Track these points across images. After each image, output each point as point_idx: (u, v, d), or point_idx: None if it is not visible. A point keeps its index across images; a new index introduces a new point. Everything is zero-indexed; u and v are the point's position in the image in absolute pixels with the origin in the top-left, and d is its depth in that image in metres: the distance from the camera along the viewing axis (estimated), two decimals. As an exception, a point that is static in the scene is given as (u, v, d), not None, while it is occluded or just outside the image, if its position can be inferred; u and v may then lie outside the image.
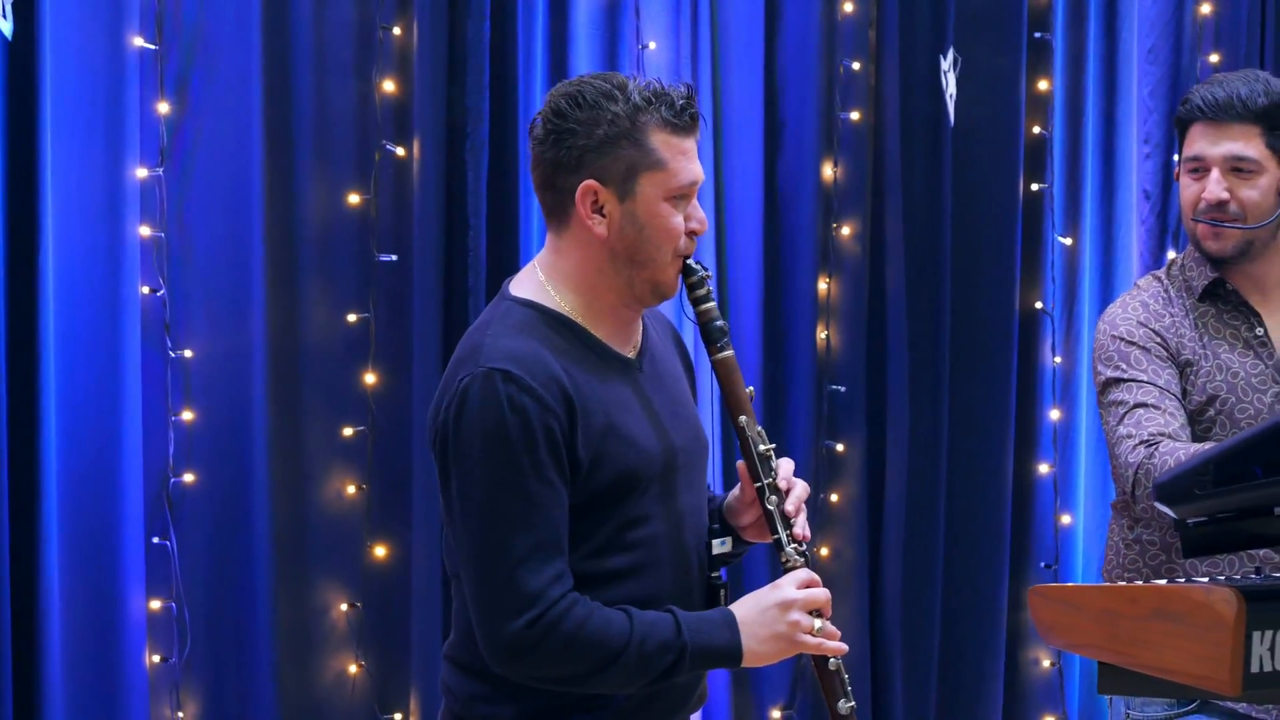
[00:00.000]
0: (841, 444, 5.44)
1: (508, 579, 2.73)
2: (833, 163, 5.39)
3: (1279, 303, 3.53)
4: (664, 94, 2.82)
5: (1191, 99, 3.48)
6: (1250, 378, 3.43)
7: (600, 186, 2.80)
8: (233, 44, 4.59)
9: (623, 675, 2.76)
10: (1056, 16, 5.77)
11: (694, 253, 2.91)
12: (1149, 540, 3.47)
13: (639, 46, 5.08)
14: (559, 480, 2.75)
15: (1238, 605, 2.14)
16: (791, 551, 2.91)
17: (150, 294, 4.50)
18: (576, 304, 2.88)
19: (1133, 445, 3.29)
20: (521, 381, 2.73)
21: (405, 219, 4.77)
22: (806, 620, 2.85)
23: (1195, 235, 3.49)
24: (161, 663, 4.54)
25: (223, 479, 4.61)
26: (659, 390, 2.95)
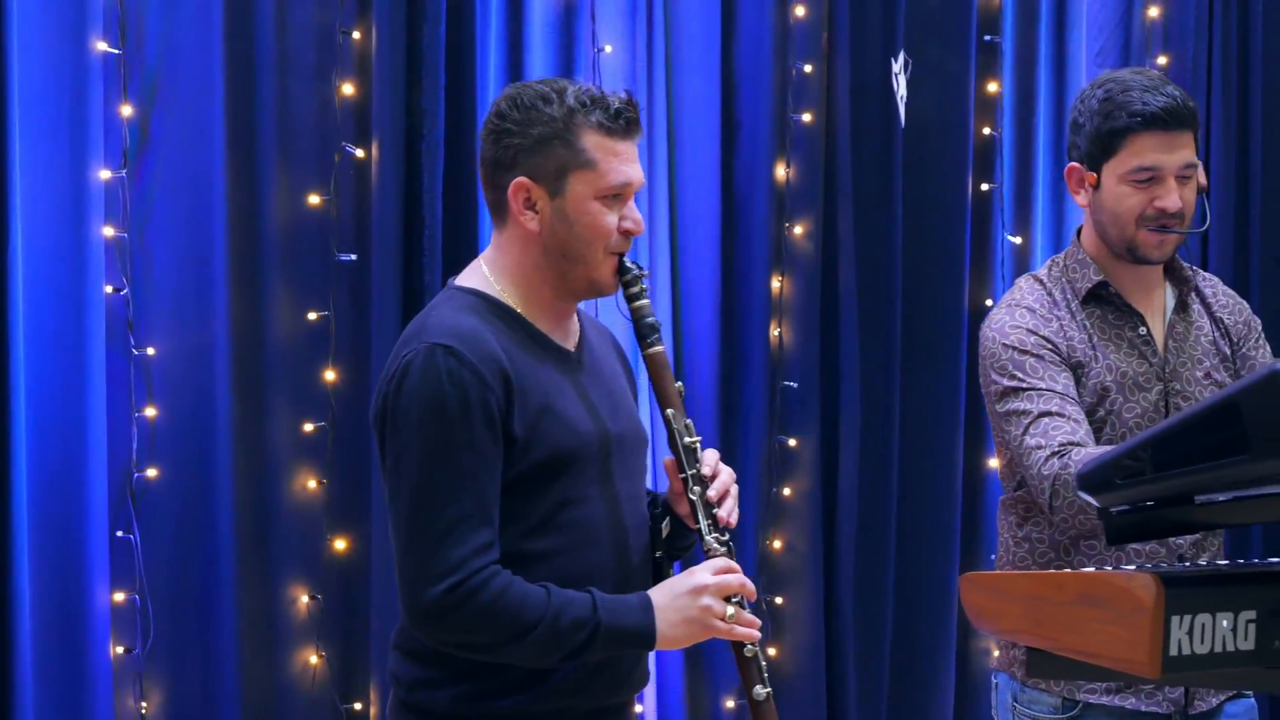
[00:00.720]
0: (794, 439, 5.49)
1: (433, 547, 2.80)
2: (785, 163, 5.45)
3: (1158, 301, 3.54)
4: (601, 99, 2.92)
5: (1140, 108, 3.38)
6: (1136, 377, 3.43)
7: (532, 184, 2.90)
8: (195, 48, 4.63)
9: (535, 648, 2.82)
10: (1006, 19, 5.83)
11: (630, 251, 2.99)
12: (1037, 538, 3.47)
13: (595, 50, 5.13)
14: (492, 454, 2.82)
15: (1157, 591, 2.17)
16: (712, 540, 2.97)
17: (114, 293, 4.54)
18: (517, 296, 2.97)
19: (1044, 457, 3.27)
20: (461, 356, 2.81)
21: (364, 219, 4.82)
22: (719, 606, 2.91)
23: (1133, 242, 3.43)
24: (125, 654, 4.57)
25: (186, 474, 4.64)
26: (596, 383, 3.03)
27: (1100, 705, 3.43)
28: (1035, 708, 3.48)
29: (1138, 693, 3.42)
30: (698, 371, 5.42)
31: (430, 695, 2.95)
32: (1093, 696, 3.43)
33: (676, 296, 5.36)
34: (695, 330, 5.41)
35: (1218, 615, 2.21)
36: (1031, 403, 3.34)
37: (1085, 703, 3.44)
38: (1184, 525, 2.58)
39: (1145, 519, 2.43)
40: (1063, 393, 3.36)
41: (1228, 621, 2.21)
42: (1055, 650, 2.38)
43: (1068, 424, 3.30)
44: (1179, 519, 2.48)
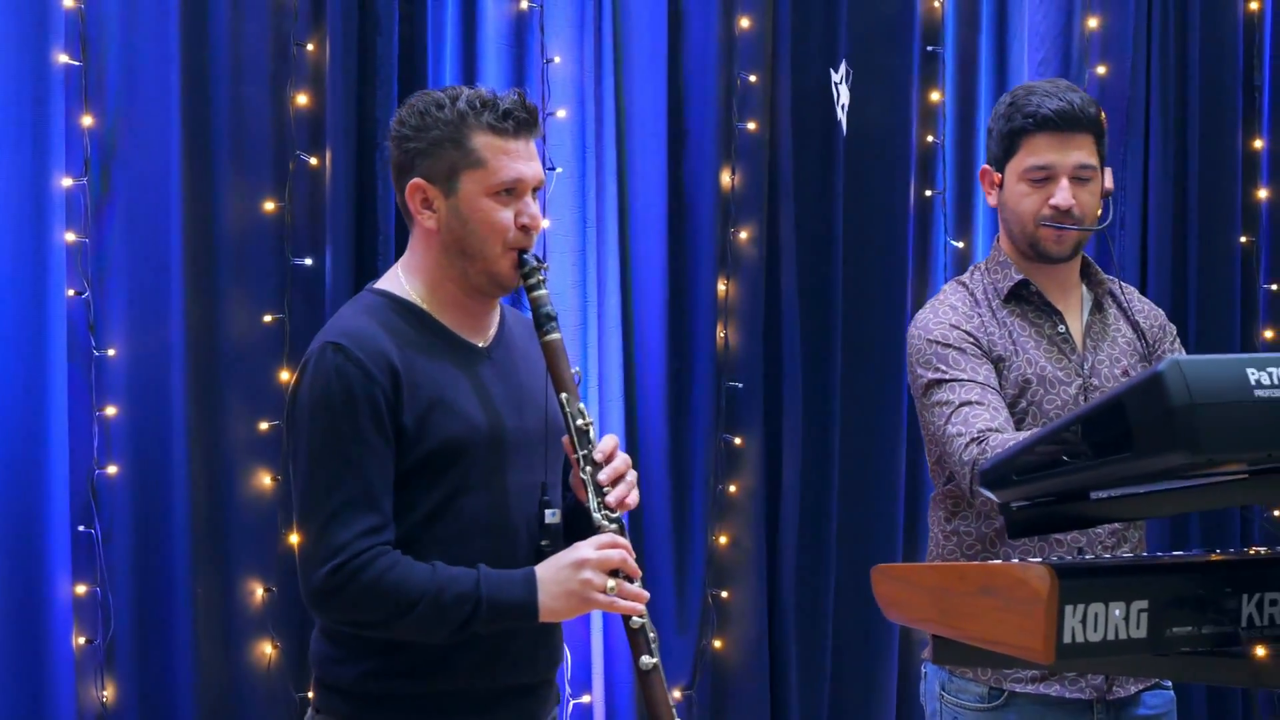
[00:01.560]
0: (739, 437, 5.57)
1: (320, 532, 2.94)
2: (731, 170, 5.53)
3: (1076, 301, 3.66)
4: (491, 101, 3.04)
5: (1035, 110, 3.53)
6: (1056, 372, 3.54)
7: (427, 184, 3.04)
8: (154, 59, 4.68)
9: (421, 622, 2.93)
10: (948, 29, 5.91)
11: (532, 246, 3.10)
12: (965, 531, 3.56)
13: (544, 61, 5.20)
14: (380, 444, 2.95)
15: (1051, 581, 2.24)
16: (599, 518, 3.05)
17: (75, 296, 4.59)
18: (424, 294, 3.10)
19: (964, 444, 3.37)
20: (350, 353, 2.95)
21: (318, 224, 4.87)
22: (599, 579, 2.99)
23: (1034, 239, 3.56)
24: (87, 644, 4.60)
25: (145, 471, 4.68)
26: (504, 379, 3.13)
27: (1025, 694, 3.52)
28: (962, 696, 3.57)
29: (1061, 680, 3.51)
30: (648, 371, 5.50)
31: (339, 672, 3.06)
32: (1018, 685, 3.52)
33: (627, 299, 5.45)
34: (645, 332, 5.49)
35: (1110, 605, 2.28)
36: (954, 393, 3.45)
37: (1011, 691, 3.52)
38: (1081, 520, 2.68)
39: (1044, 514, 2.51)
40: (984, 383, 3.47)
41: (1120, 611, 2.28)
42: (958, 638, 2.45)
43: (987, 411, 3.40)
44: (1075, 514, 2.57)
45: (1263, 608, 2.39)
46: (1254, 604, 2.39)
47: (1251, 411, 2.14)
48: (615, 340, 5.41)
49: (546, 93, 5.23)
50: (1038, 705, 3.54)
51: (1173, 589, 2.34)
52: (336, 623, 3.02)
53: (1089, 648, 2.29)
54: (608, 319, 5.40)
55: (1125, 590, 2.31)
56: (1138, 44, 6.17)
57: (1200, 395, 2.10)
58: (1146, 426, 2.15)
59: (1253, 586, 2.38)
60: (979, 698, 3.56)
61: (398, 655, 3.02)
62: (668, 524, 5.50)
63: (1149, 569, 2.46)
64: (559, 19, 5.27)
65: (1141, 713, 3.61)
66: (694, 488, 5.53)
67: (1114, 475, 2.28)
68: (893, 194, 5.83)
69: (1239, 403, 2.14)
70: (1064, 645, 2.27)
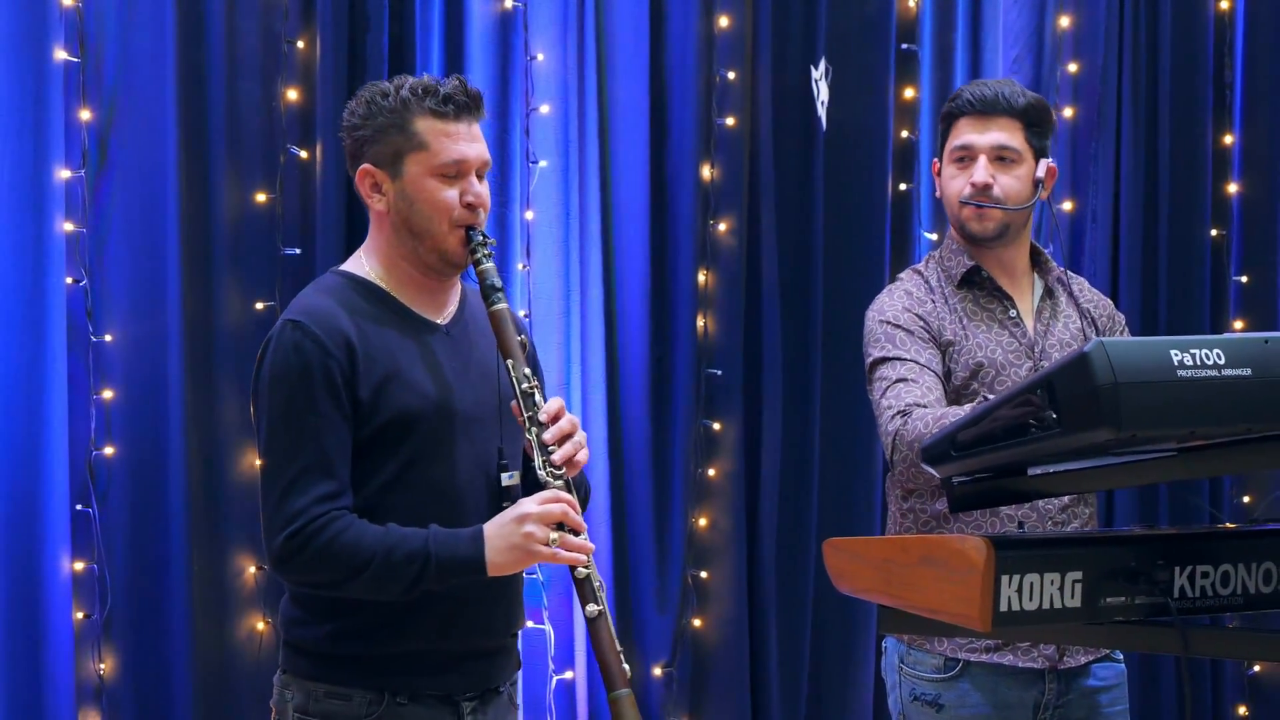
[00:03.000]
0: (718, 423, 5.65)
1: (279, 499, 3.04)
2: (710, 164, 5.60)
3: (1027, 287, 3.78)
4: (432, 87, 3.14)
5: (960, 96, 3.73)
6: (1007, 354, 3.66)
7: (375, 169, 3.15)
8: (150, 56, 4.77)
9: (374, 581, 3.02)
10: (924, 28, 5.98)
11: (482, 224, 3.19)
12: (920, 509, 3.66)
13: (528, 58, 5.29)
14: (335, 414, 3.05)
15: (988, 552, 2.32)
16: (544, 475, 3.12)
17: (74, 284, 4.68)
18: (382, 274, 3.21)
19: (890, 415, 3.50)
20: (307, 329, 3.07)
21: (308, 216, 4.96)
22: (541, 532, 3.05)
23: (960, 219, 3.71)
24: (85, 619, 4.68)
25: (141, 452, 4.77)
26: (459, 355, 3.22)
27: (980, 663, 3.64)
28: (919, 668, 3.68)
29: (1014, 650, 3.62)
30: (630, 359, 5.57)
31: (302, 633, 3.17)
32: (973, 655, 3.63)
33: (610, 289, 5.52)
34: (627, 320, 5.55)
35: (1045, 576, 2.37)
36: (894, 370, 3.59)
37: (966, 661, 3.64)
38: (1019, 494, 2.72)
39: (983, 489, 2.61)
40: (924, 364, 3.59)
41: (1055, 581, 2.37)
42: (902, 607, 2.54)
43: (919, 389, 3.52)
44: (1014, 489, 2.64)
45: (1194, 580, 2.49)
46: (1185, 576, 2.48)
47: (1174, 391, 2.23)
48: (598, 329, 5.49)
49: (530, 89, 5.32)
50: (991, 675, 3.65)
51: (1107, 561, 2.43)
52: (297, 584, 3.13)
53: (1025, 616, 2.37)
54: (590, 308, 5.48)
55: (1060, 561, 2.40)
56: (1109, 42, 6.21)
57: (1124, 374, 2.19)
58: (1074, 404, 2.24)
59: (1185, 559, 2.48)
60: (935, 669, 3.67)
61: (358, 616, 3.11)
62: (649, 507, 5.59)
63: (1084, 541, 2.56)
64: (542, 18, 5.35)
65: (1091, 684, 3.71)
66: (674, 471, 5.62)
67: (1046, 451, 2.35)
68: (870, 188, 5.89)
69: (1162, 382, 2.22)
70: (1000, 614, 2.36)
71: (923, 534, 3.62)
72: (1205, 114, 6.39)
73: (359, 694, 3.13)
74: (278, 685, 3.24)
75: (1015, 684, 3.66)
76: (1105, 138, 6.25)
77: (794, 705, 5.79)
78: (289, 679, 3.21)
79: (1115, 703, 3.75)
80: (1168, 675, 6.20)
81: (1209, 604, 2.52)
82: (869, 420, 5.71)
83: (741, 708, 5.70)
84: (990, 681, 3.65)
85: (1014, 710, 3.65)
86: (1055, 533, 3.53)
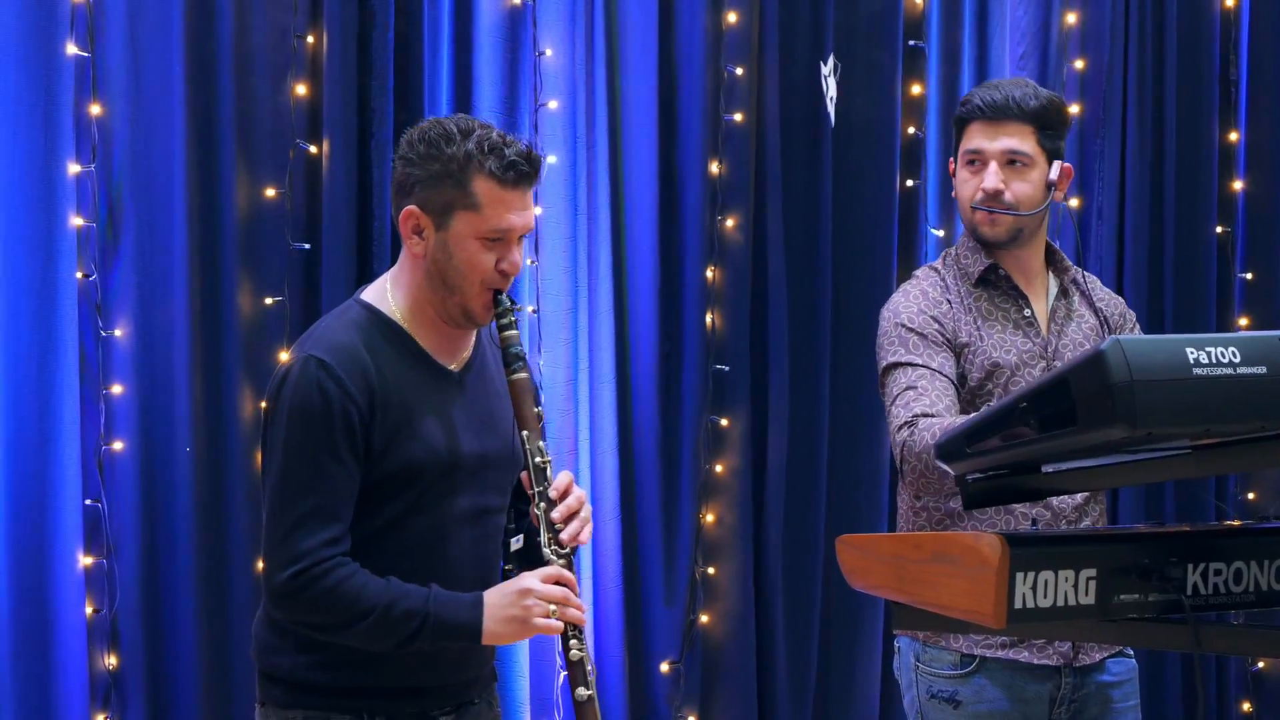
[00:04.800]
0: (725, 419, 5.64)
1: (286, 535, 3.03)
2: (718, 160, 5.60)
3: (1041, 287, 3.78)
4: (499, 148, 3.08)
5: (971, 100, 3.72)
6: (1022, 354, 3.66)
7: (421, 213, 3.11)
8: (159, 51, 4.76)
9: (370, 632, 3.04)
10: (932, 24, 5.98)
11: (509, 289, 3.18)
12: (933, 507, 3.66)
13: (536, 54, 5.29)
14: (350, 459, 3.04)
15: (1002, 549, 2.31)
16: (549, 552, 3.14)
17: (84, 279, 4.67)
18: (406, 313, 3.18)
19: (898, 426, 3.51)
20: (332, 370, 3.03)
21: (316, 211, 4.95)
22: (541, 606, 3.08)
23: (972, 223, 3.72)
24: (95, 613, 4.68)
25: (150, 447, 4.76)
26: (473, 404, 3.22)
27: (996, 659, 3.65)
28: (936, 665, 3.67)
29: (1030, 647, 3.63)
30: (640, 355, 5.57)
31: (278, 661, 3.17)
32: (989, 651, 3.63)
33: (620, 285, 5.52)
34: (638, 316, 5.56)
35: (1060, 572, 2.36)
36: (906, 376, 3.59)
37: (982, 657, 3.64)
38: (1033, 492, 2.71)
39: (998, 486, 2.59)
40: (936, 370, 3.59)
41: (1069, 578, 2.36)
42: (915, 604, 2.54)
43: (927, 398, 3.52)
44: (1028, 486, 2.62)
45: (1207, 577, 2.49)
46: (1199, 573, 2.48)
47: (1189, 388, 2.22)
48: (607, 324, 5.49)
49: (539, 84, 5.32)
50: (1007, 671, 3.66)
51: (1121, 558, 2.43)
52: (292, 623, 3.11)
53: (1039, 613, 2.36)
54: (599, 304, 5.48)
55: (1075, 558, 2.40)
56: (1115, 39, 6.22)
57: (1140, 373, 2.19)
58: (1089, 402, 2.23)
59: (1198, 557, 2.47)
60: (951, 665, 3.67)
61: (336, 648, 3.12)
62: (657, 502, 5.59)
63: (1098, 539, 2.56)
64: (551, 13, 5.35)
65: (1105, 679, 3.73)
66: (682, 467, 5.62)
67: (1061, 448, 2.34)
68: (878, 183, 5.89)
69: (1177, 380, 2.22)
70: (1014, 610, 2.35)
71: (937, 531, 3.62)
72: (1211, 111, 6.40)
73: (336, 718, 3.15)
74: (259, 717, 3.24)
75: (1031, 679, 3.67)
76: (1111, 135, 6.26)
77: (801, 700, 5.79)
78: (267, 710, 3.21)
79: (1127, 698, 3.77)
80: (1173, 670, 6.21)
81: (1221, 601, 2.51)
82: (877, 416, 5.79)
83: (749, 703, 5.71)
84: (1006, 677, 3.66)
85: (1031, 704, 3.67)
86: (1068, 530, 3.53)
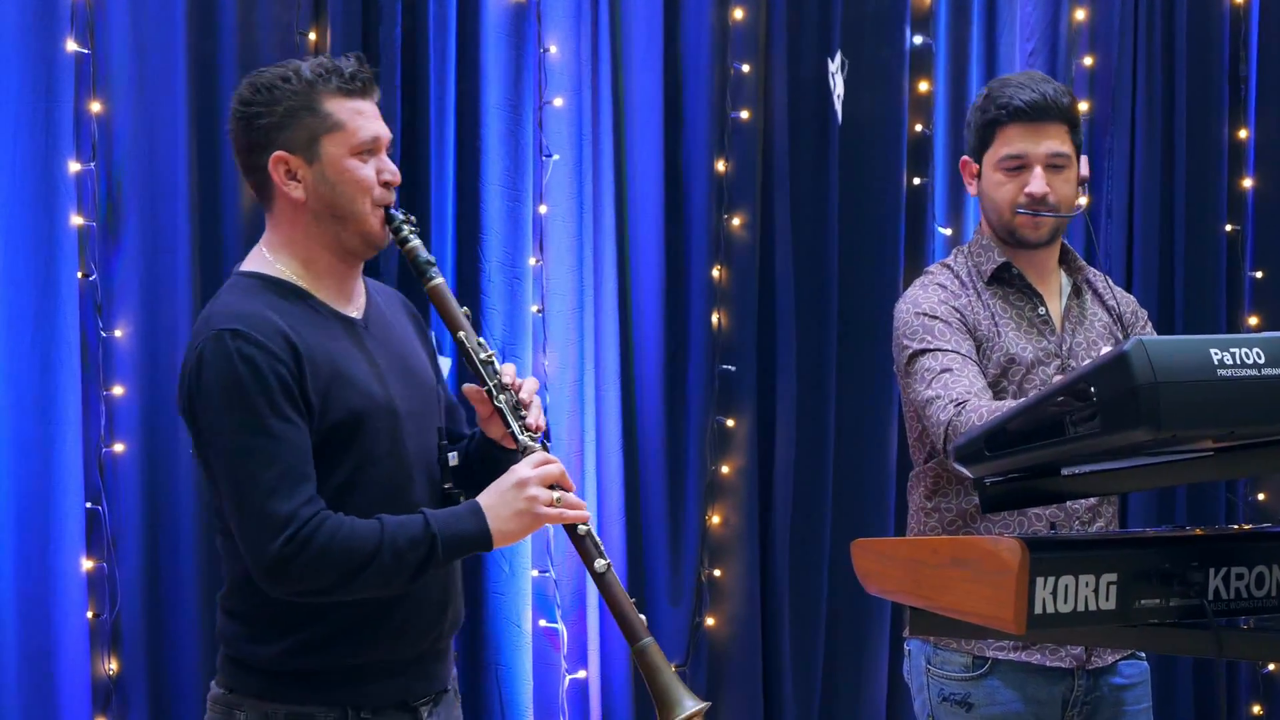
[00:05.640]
0: (731, 419, 5.64)
1: (261, 507, 2.89)
2: (724, 158, 5.60)
3: (1055, 285, 3.76)
4: (334, 66, 3.05)
5: (1007, 101, 3.64)
6: (1036, 352, 3.62)
7: (289, 155, 3.02)
8: (160, 48, 4.76)
9: (382, 573, 2.94)
10: (939, 21, 5.97)
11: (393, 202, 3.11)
12: (946, 508, 3.64)
13: (540, 50, 5.29)
14: (296, 417, 2.94)
15: (1022, 554, 2.30)
16: (525, 439, 3.10)
17: (85, 278, 4.66)
18: (297, 270, 3.08)
19: (942, 405, 3.45)
20: (248, 336, 2.92)
21: None
22: (545, 494, 3.03)
23: (1011, 225, 3.67)
24: (95, 618, 4.66)
25: (151, 449, 4.74)
26: (383, 348, 3.14)
27: (1008, 661, 3.62)
28: (947, 668, 3.65)
29: (1042, 649, 3.61)
30: (645, 355, 5.56)
31: (253, 650, 3.05)
32: (1001, 654, 3.61)
33: (625, 283, 5.51)
34: (643, 315, 5.55)
35: (1080, 577, 2.35)
36: (936, 360, 3.54)
37: (994, 659, 3.62)
38: (1053, 495, 2.71)
39: (1016, 489, 2.58)
40: (966, 355, 3.56)
41: (1089, 583, 2.35)
42: (932, 609, 2.52)
43: (966, 379, 3.49)
44: (1047, 489, 2.61)
45: (1229, 581, 2.47)
46: (1220, 578, 2.46)
47: (1214, 390, 2.21)
48: (612, 323, 5.48)
49: (544, 81, 5.31)
50: (1020, 673, 3.64)
51: (1141, 562, 2.41)
52: (297, 594, 2.97)
53: (1059, 618, 2.35)
54: (604, 303, 5.47)
55: (1095, 563, 2.38)
56: (1124, 36, 6.22)
57: (1164, 374, 2.17)
58: (1112, 403, 2.21)
59: (1219, 561, 2.46)
60: (963, 668, 3.65)
61: (312, 630, 3.03)
62: (663, 503, 5.59)
63: (1118, 543, 2.53)
64: (556, 10, 5.34)
65: (1118, 681, 3.71)
66: (688, 468, 5.61)
67: (1082, 451, 2.33)
68: (885, 181, 5.88)
69: (1202, 381, 2.20)
70: (1035, 616, 2.34)
71: (949, 534, 3.60)
72: (1220, 108, 6.39)
73: (321, 712, 3.06)
74: (220, 704, 3.12)
75: (1044, 681, 3.66)
76: (1120, 132, 6.25)
77: (808, 703, 5.78)
78: (238, 699, 3.09)
79: (1140, 700, 3.75)
80: (1184, 672, 6.19)
81: (1243, 605, 2.50)
82: (884, 416, 5.85)
83: (755, 706, 5.70)
84: (1019, 679, 3.64)
85: (1044, 706, 3.65)
86: (1088, 534, 3.51)
